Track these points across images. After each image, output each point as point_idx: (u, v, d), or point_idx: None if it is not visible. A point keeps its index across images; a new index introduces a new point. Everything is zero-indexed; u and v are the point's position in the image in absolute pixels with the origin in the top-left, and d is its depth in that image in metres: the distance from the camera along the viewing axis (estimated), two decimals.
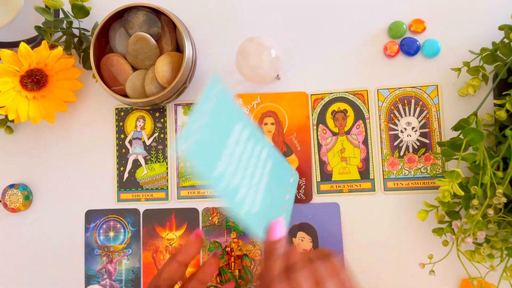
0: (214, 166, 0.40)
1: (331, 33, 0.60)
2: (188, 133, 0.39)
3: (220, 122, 0.41)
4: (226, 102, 0.42)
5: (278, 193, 0.45)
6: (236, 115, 0.42)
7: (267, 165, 0.44)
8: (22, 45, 0.55)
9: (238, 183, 0.42)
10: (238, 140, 0.42)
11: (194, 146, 0.39)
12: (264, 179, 0.44)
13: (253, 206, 0.43)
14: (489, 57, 0.54)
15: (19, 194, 0.62)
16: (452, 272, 0.56)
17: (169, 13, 0.55)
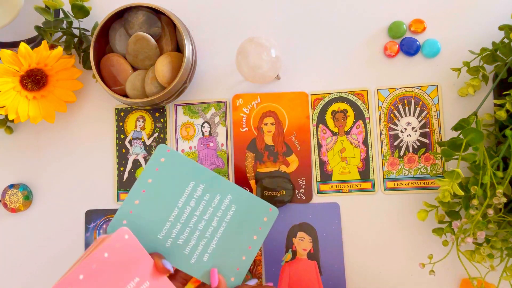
0: (159, 230, 0.45)
1: (331, 33, 0.61)
2: (125, 208, 0.44)
3: (168, 186, 0.44)
4: (176, 166, 0.44)
5: (240, 236, 0.47)
6: (190, 174, 0.45)
7: (228, 213, 0.46)
8: (22, 45, 0.55)
9: (186, 238, 0.45)
10: (189, 198, 0.45)
11: (136, 219, 0.44)
12: (221, 228, 0.46)
13: (203, 256, 0.46)
14: (489, 57, 0.54)
15: (19, 194, 0.62)
16: (452, 272, 0.56)
17: (169, 13, 0.55)
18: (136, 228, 0.44)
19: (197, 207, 0.45)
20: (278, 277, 0.59)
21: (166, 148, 0.44)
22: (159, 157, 0.44)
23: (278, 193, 0.59)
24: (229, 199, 0.46)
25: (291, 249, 0.59)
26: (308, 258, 0.59)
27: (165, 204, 0.45)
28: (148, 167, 0.44)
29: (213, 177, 0.46)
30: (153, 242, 0.45)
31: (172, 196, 0.45)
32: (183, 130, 0.62)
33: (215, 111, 0.62)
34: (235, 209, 0.47)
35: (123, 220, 0.44)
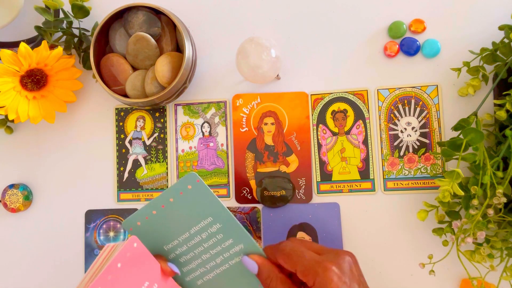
0: (166, 242, 0.45)
1: (331, 33, 0.61)
2: (142, 213, 0.45)
3: (186, 211, 0.44)
4: (200, 197, 0.44)
5: (237, 283, 0.46)
6: (211, 210, 0.44)
7: (235, 258, 0.45)
8: (22, 45, 0.55)
9: (188, 260, 0.46)
10: (202, 230, 0.45)
11: (148, 223, 0.45)
12: (223, 267, 0.46)
13: (198, 280, 0.46)
14: (489, 57, 0.54)
15: (19, 194, 0.62)
16: (452, 272, 0.56)
17: (169, 13, 0.55)
18: (147, 233, 0.45)
19: (207, 240, 0.45)
20: None
21: (196, 178, 0.43)
22: (187, 184, 0.43)
23: (278, 193, 0.59)
24: (240, 248, 0.45)
25: None
26: None
27: (179, 225, 0.45)
28: (173, 188, 0.44)
29: (232, 222, 0.45)
30: (158, 248, 0.46)
31: (187, 221, 0.45)
32: (183, 130, 0.62)
33: (215, 111, 0.62)
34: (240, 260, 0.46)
35: (137, 221, 0.45)
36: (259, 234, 0.59)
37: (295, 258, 0.39)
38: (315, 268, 0.38)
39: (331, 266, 0.38)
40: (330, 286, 0.37)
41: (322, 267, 0.38)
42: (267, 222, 0.59)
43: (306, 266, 0.38)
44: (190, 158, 0.61)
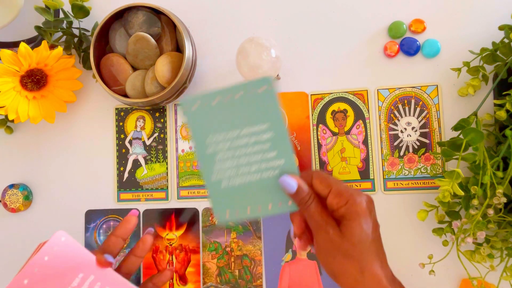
0: (213, 132, 0.42)
1: (331, 33, 0.61)
2: (201, 98, 0.42)
3: (247, 110, 0.42)
4: (266, 102, 0.42)
5: (263, 195, 0.44)
6: (271, 117, 0.42)
7: (269, 172, 0.43)
8: (22, 45, 0.55)
9: (225, 158, 0.43)
10: (254, 134, 0.42)
11: (200, 109, 0.42)
12: (255, 176, 0.43)
13: (225, 182, 0.43)
14: (489, 57, 0.54)
15: (19, 194, 0.62)
16: (452, 272, 0.56)
17: (169, 13, 0.55)
18: (198, 118, 0.42)
19: (253, 145, 0.42)
20: (278, 277, 0.59)
21: (271, 83, 0.41)
22: (260, 85, 0.41)
23: None
24: (279, 164, 0.43)
25: (291, 249, 0.59)
26: (308, 258, 0.59)
27: (233, 121, 0.42)
28: (244, 86, 0.42)
29: (284, 136, 0.42)
30: (200, 138, 0.43)
31: (243, 120, 0.42)
32: (183, 130, 0.62)
33: None
34: (277, 175, 0.43)
35: (194, 105, 0.42)
36: (259, 234, 0.59)
37: (331, 180, 0.41)
38: (348, 191, 0.40)
39: (364, 194, 0.41)
40: (360, 209, 0.39)
41: (356, 192, 0.40)
42: (267, 222, 0.59)
43: (340, 189, 0.40)
44: (190, 158, 0.61)
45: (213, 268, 0.60)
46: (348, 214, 0.39)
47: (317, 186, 0.41)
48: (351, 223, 0.39)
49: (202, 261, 0.60)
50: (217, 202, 0.43)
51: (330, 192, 0.40)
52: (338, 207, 0.40)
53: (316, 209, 0.40)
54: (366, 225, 0.39)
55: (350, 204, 0.39)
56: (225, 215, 0.43)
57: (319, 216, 0.40)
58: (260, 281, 0.59)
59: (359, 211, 0.39)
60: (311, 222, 0.41)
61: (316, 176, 0.41)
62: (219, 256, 0.60)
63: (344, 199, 0.39)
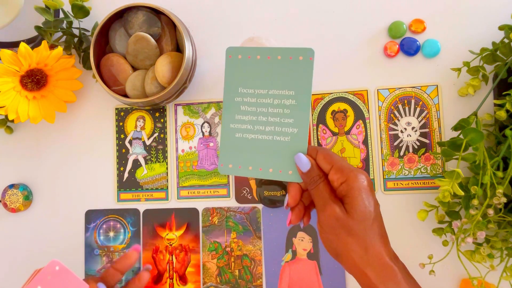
0: (246, 85, 0.45)
1: (331, 33, 0.60)
2: (242, 51, 0.45)
3: (281, 74, 0.44)
4: (301, 71, 0.44)
5: (269, 157, 0.45)
6: (299, 86, 0.44)
7: (280, 136, 0.45)
8: (22, 45, 0.55)
9: (247, 111, 0.45)
10: (279, 96, 0.45)
11: (238, 61, 0.45)
12: (267, 137, 0.45)
13: (239, 133, 0.45)
14: (489, 57, 0.54)
15: (19, 194, 0.62)
16: (452, 272, 0.56)
17: (169, 13, 0.55)
18: (238, 67, 0.45)
19: (275, 107, 0.45)
20: (278, 277, 0.59)
21: (312, 55, 0.43)
22: (301, 54, 0.44)
23: (279, 193, 0.59)
24: (292, 131, 0.44)
25: (291, 249, 0.59)
26: (308, 258, 0.59)
27: (266, 79, 0.45)
28: (288, 50, 0.44)
29: (306, 108, 0.44)
30: (233, 87, 0.45)
31: (275, 81, 0.44)
32: (183, 130, 0.62)
33: (215, 111, 0.62)
34: (288, 139, 0.45)
35: (240, 54, 0.45)
36: (259, 234, 0.59)
37: (334, 157, 0.42)
38: (349, 168, 0.41)
39: (364, 172, 0.42)
40: (361, 185, 0.40)
41: (356, 170, 0.41)
42: (267, 222, 0.59)
43: (342, 165, 0.41)
44: (190, 157, 0.61)
45: (213, 268, 0.60)
46: (350, 191, 0.40)
47: (320, 161, 0.42)
48: (353, 200, 0.40)
49: (202, 261, 0.60)
50: (225, 150, 0.45)
51: (331, 168, 0.41)
52: (339, 183, 0.41)
53: (324, 187, 0.41)
54: (368, 202, 0.40)
55: (351, 181, 0.40)
56: (227, 166, 0.45)
57: (327, 194, 0.41)
58: (260, 281, 0.59)
59: (360, 187, 0.40)
60: (318, 199, 0.42)
61: (321, 152, 0.43)
62: (219, 256, 0.60)
63: (344, 175, 0.41)
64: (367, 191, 0.40)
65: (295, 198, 0.44)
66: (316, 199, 0.42)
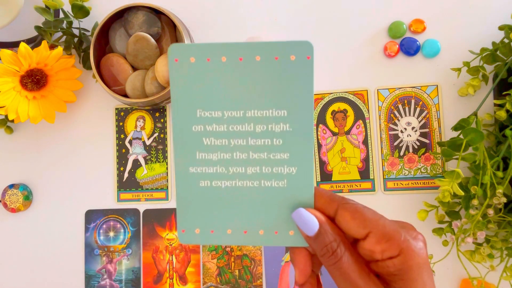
0: (206, 106, 0.30)
1: (331, 33, 0.60)
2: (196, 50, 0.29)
3: (264, 85, 0.30)
4: (295, 78, 0.29)
5: (254, 214, 0.31)
6: (292, 102, 0.29)
7: (271, 181, 0.30)
8: (22, 45, 0.55)
9: (215, 147, 0.30)
10: (264, 120, 0.30)
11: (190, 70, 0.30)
12: (251, 183, 0.30)
13: (211, 181, 0.31)
14: (489, 57, 0.54)
15: (19, 194, 0.62)
16: (452, 272, 0.56)
17: (169, 13, 0.55)
18: (191, 78, 0.30)
19: (259, 137, 0.30)
20: (278, 277, 0.59)
21: (310, 51, 0.29)
22: (293, 52, 0.29)
23: None
24: (288, 172, 0.30)
25: None
26: None
27: (240, 96, 0.30)
28: (272, 47, 0.29)
29: (307, 134, 0.30)
30: (188, 107, 0.30)
31: (254, 97, 0.30)
32: None
33: None
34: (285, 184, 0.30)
35: (192, 56, 0.29)
36: None
37: (369, 215, 0.27)
38: (400, 233, 0.26)
39: (418, 233, 0.28)
40: (422, 260, 0.26)
41: (409, 233, 0.27)
42: None
43: (386, 229, 0.26)
44: None
45: (213, 268, 0.60)
46: (407, 272, 0.26)
47: (347, 222, 0.27)
48: (411, 285, 0.26)
49: (202, 261, 0.60)
50: (185, 208, 0.31)
51: (369, 233, 0.27)
52: (384, 257, 0.26)
53: (350, 265, 0.27)
54: (430, 283, 0.27)
55: (407, 256, 0.26)
56: (193, 232, 0.31)
57: (358, 276, 0.27)
58: (260, 281, 0.59)
59: (421, 264, 0.26)
60: (341, 283, 0.27)
61: (346, 207, 0.28)
62: (219, 256, 0.60)
63: (395, 247, 0.26)
64: (428, 266, 0.27)
65: (305, 271, 0.30)
66: (339, 281, 0.28)
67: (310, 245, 0.29)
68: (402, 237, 0.26)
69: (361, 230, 0.27)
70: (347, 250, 0.27)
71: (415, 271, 0.26)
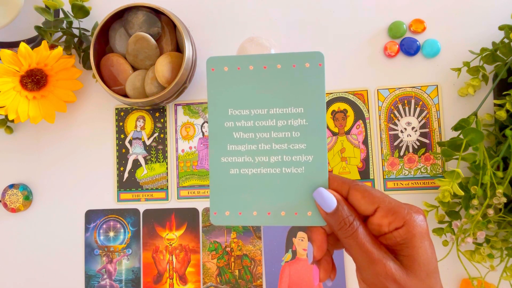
0: (237, 106, 0.36)
1: (331, 33, 0.60)
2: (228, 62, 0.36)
3: (284, 87, 0.35)
4: (309, 81, 0.35)
5: (276, 196, 0.35)
6: (308, 101, 0.35)
7: (290, 168, 0.35)
8: (22, 45, 0.55)
9: (243, 139, 0.36)
10: (284, 116, 0.35)
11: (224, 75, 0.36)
12: (272, 170, 0.35)
13: (240, 169, 0.36)
14: (489, 57, 0.54)
15: (19, 194, 0.62)
16: (452, 272, 0.56)
17: (169, 13, 0.55)
18: (224, 83, 0.36)
19: (280, 130, 0.35)
20: (278, 277, 0.59)
21: (321, 60, 0.35)
22: (308, 60, 0.35)
23: None
24: (306, 160, 0.35)
25: (291, 249, 0.59)
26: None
27: (264, 96, 0.36)
28: (290, 56, 0.35)
29: (320, 127, 0.35)
30: (221, 108, 0.36)
31: (276, 97, 0.36)
32: (183, 130, 0.62)
33: None
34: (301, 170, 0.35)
35: (226, 65, 0.36)
36: (259, 234, 0.59)
37: (376, 194, 0.32)
38: (403, 208, 0.31)
39: (418, 208, 0.32)
40: (423, 230, 0.31)
41: (411, 208, 0.31)
42: None
43: (392, 205, 0.31)
44: (190, 158, 0.61)
45: (213, 268, 0.60)
46: (411, 240, 0.30)
47: (358, 201, 0.32)
48: (416, 252, 0.30)
49: (202, 261, 0.60)
50: (218, 193, 0.36)
51: (377, 209, 0.31)
52: (391, 229, 0.31)
53: (365, 236, 0.31)
54: (431, 251, 0.31)
55: (410, 226, 0.30)
56: (223, 214, 0.35)
57: (372, 246, 0.31)
58: (260, 281, 0.59)
59: (423, 232, 0.30)
60: (358, 252, 0.31)
61: (357, 188, 0.32)
62: (219, 256, 0.60)
63: (400, 218, 0.30)
64: (428, 236, 0.31)
65: (322, 248, 0.33)
66: (355, 251, 0.31)
67: (328, 221, 0.32)
68: (406, 210, 0.31)
69: (370, 206, 0.31)
70: (361, 225, 0.31)
71: (418, 239, 0.30)
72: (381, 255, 0.30)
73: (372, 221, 0.31)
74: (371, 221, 0.31)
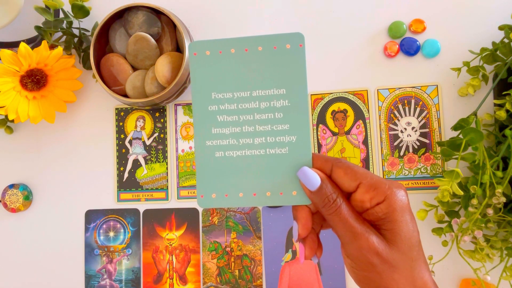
0: (220, 89, 0.36)
1: (331, 33, 0.61)
2: (209, 46, 0.36)
3: (265, 69, 0.36)
4: (290, 63, 0.36)
5: (262, 176, 0.36)
6: (289, 82, 0.36)
7: (274, 149, 0.36)
8: (22, 45, 0.55)
9: (228, 122, 0.36)
10: (267, 98, 0.36)
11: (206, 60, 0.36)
12: (257, 151, 0.36)
13: (225, 152, 0.36)
14: (489, 57, 0.54)
15: (19, 194, 0.62)
16: (452, 272, 0.56)
17: (169, 13, 0.55)
18: (207, 67, 0.36)
19: (264, 112, 0.36)
20: (278, 277, 0.59)
21: (302, 41, 0.37)
22: (288, 41, 0.37)
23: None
24: (289, 140, 0.35)
25: (291, 249, 0.59)
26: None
27: (247, 79, 0.36)
28: (270, 38, 0.37)
29: (302, 107, 0.35)
30: (205, 91, 0.36)
31: (258, 79, 0.36)
32: (183, 130, 0.62)
33: None
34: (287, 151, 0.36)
35: (207, 50, 0.36)
36: (259, 234, 0.59)
37: (359, 170, 0.32)
38: (385, 183, 0.31)
39: (400, 184, 0.32)
40: (404, 204, 0.31)
41: (392, 183, 0.32)
42: (267, 222, 0.59)
43: (374, 180, 0.31)
44: (190, 158, 0.61)
45: (213, 268, 0.60)
46: (392, 213, 0.31)
47: (341, 178, 0.32)
48: (397, 225, 0.31)
49: (202, 261, 0.60)
50: (204, 176, 0.36)
51: (359, 185, 0.32)
52: (374, 203, 0.31)
53: (348, 212, 0.31)
54: (412, 224, 0.31)
55: (391, 200, 0.31)
56: (210, 197, 0.35)
57: (355, 221, 0.31)
58: (260, 281, 0.59)
59: (403, 207, 0.31)
60: (342, 228, 0.32)
61: (339, 165, 0.33)
62: (219, 256, 0.60)
63: (381, 193, 0.31)
64: (409, 210, 0.31)
65: (307, 226, 0.34)
66: (339, 227, 0.32)
67: (312, 200, 0.33)
68: (386, 186, 0.31)
69: (353, 182, 0.32)
70: (343, 201, 0.32)
71: (399, 213, 0.31)
72: (364, 229, 0.31)
73: (355, 197, 0.32)
74: (354, 197, 0.32)
